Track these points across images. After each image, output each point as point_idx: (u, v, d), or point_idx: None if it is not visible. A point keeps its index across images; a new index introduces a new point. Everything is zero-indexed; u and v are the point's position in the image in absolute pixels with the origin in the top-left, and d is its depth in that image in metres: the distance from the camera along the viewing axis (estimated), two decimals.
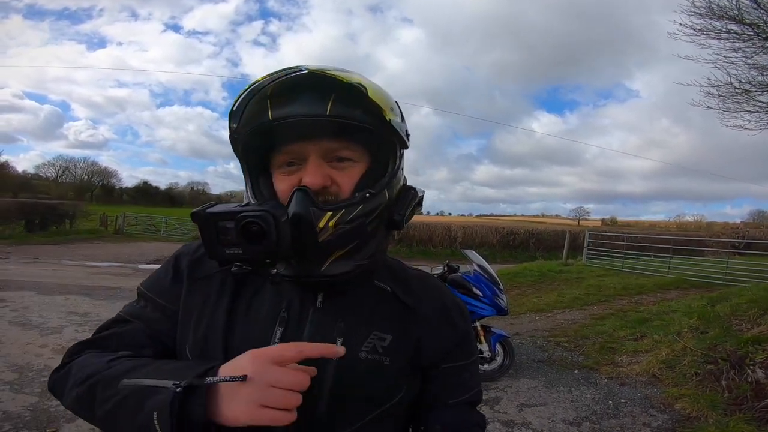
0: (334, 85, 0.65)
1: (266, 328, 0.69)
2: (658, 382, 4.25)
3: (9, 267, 9.89)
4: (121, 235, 20.72)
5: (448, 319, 0.79)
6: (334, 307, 0.72)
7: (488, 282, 4.33)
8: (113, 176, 61.39)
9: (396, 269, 0.82)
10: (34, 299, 6.71)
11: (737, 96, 6.23)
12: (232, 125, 0.70)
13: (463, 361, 0.81)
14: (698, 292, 8.30)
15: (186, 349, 0.72)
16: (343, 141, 0.69)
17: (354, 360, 0.69)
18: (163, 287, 0.77)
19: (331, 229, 0.64)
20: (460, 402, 0.80)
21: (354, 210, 0.66)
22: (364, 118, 0.67)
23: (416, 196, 0.76)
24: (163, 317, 0.75)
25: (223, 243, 0.60)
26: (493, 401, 3.88)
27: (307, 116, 0.65)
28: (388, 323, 0.74)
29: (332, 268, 0.67)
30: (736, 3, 5.56)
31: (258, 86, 0.66)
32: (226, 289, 0.74)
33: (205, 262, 0.77)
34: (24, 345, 4.67)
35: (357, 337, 0.71)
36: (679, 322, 5.46)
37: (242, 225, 0.59)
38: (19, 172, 54.05)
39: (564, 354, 5.18)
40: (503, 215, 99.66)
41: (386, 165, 0.72)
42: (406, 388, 0.73)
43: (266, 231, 0.59)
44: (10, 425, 3.06)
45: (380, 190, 0.69)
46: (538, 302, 8.05)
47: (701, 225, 53.48)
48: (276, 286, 0.73)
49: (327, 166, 0.68)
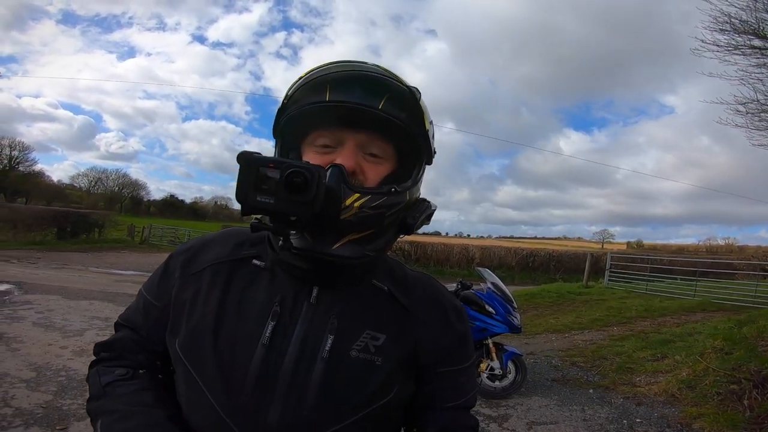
0: (391, 85, 0.70)
1: (257, 323, 0.69)
2: (676, 402, 4.09)
3: (38, 271, 10.30)
4: (146, 245, 21.33)
5: (445, 322, 0.79)
6: (328, 303, 0.72)
7: (501, 300, 4.29)
8: (142, 188, 63.24)
9: (396, 270, 0.82)
10: (59, 303, 6.95)
11: (764, 113, 6.08)
12: (286, 100, 0.73)
13: (460, 365, 0.80)
14: (725, 314, 7.99)
15: (176, 344, 0.73)
16: (380, 138, 0.72)
17: (344, 358, 0.69)
18: (154, 285, 0.80)
19: (355, 209, 0.66)
20: (455, 406, 0.79)
21: (379, 199, 0.68)
22: (408, 121, 0.71)
23: (429, 208, 0.78)
24: (152, 316, 0.78)
25: (259, 189, 0.60)
26: (502, 418, 3.80)
27: (361, 105, 0.68)
28: (383, 323, 0.74)
29: (343, 249, 0.68)
30: (755, 17, 5.47)
31: (321, 70, 0.71)
32: (218, 281, 0.74)
33: (197, 258, 0.78)
34: (45, 345, 4.82)
35: (349, 335, 0.71)
36: (703, 343, 5.28)
37: (288, 173, 0.59)
38: (54, 181, 56.56)
39: (579, 373, 5.04)
40: (523, 237, 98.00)
41: (410, 171, 0.75)
42: (397, 390, 0.73)
43: (309, 184, 0.59)
44: (21, 421, 3.14)
45: (403, 190, 0.72)
46: (555, 323, 7.86)
47: (732, 248, 51.50)
48: (270, 278, 0.73)
49: (360, 156, 0.71)
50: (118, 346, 0.80)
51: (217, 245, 0.80)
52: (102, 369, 0.77)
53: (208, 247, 0.80)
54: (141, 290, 0.82)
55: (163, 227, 25.10)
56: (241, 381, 0.67)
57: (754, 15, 5.49)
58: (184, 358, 0.71)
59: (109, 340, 0.82)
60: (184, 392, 0.72)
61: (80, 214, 21.35)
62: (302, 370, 0.67)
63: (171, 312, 0.75)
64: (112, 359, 0.79)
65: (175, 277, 0.77)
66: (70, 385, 3.82)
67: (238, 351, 0.68)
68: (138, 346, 0.79)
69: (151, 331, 0.78)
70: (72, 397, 3.61)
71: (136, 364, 0.77)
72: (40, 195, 45.91)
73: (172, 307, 0.75)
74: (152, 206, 62.78)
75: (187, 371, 0.70)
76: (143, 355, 0.79)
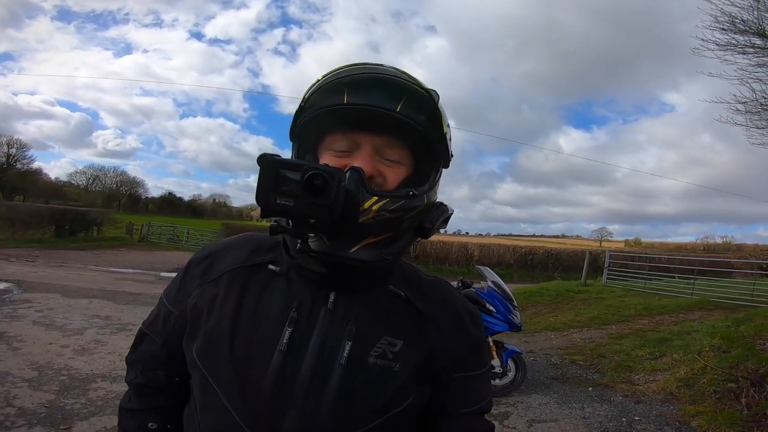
0: (408, 88, 0.69)
1: (275, 329, 0.69)
2: (674, 400, 4.12)
3: (36, 270, 10.28)
4: (145, 243, 21.32)
5: (461, 327, 0.79)
6: (346, 309, 0.71)
7: (502, 298, 4.31)
8: (140, 186, 63.11)
9: (411, 275, 0.82)
10: (59, 301, 6.95)
11: (764, 112, 6.10)
12: (303, 103, 0.73)
13: (476, 371, 0.80)
14: (723, 313, 8.03)
15: (193, 350, 0.73)
16: (398, 141, 0.71)
17: (362, 364, 0.69)
18: (173, 292, 0.82)
19: (373, 213, 0.66)
20: (471, 411, 0.79)
21: (397, 202, 0.68)
22: (426, 124, 0.70)
23: (446, 212, 0.77)
24: (170, 323, 0.81)
25: (279, 191, 0.60)
26: (502, 416, 3.82)
27: (379, 108, 0.67)
28: (400, 329, 0.73)
29: (361, 253, 0.68)
30: (757, 16, 5.48)
31: (338, 73, 0.70)
32: (235, 287, 0.74)
33: (215, 265, 0.79)
34: (46, 344, 4.83)
35: (367, 341, 0.70)
36: (701, 342, 5.30)
37: (308, 176, 0.59)
38: (51, 179, 56.43)
39: (578, 371, 5.07)
40: (522, 235, 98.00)
41: (427, 175, 0.75)
42: (414, 396, 0.72)
43: (330, 186, 0.59)
44: (24, 421, 3.15)
45: (421, 194, 0.71)
46: (554, 321, 7.90)
47: (730, 246, 51.61)
48: (286, 283, 0.73)
49: (377, 159, 0.71)
50: (140, 364, 0.85)
51: (233, 251, 0.80)
52: (129, 411, 0.85)
53: (225, 253, 0.80)
54: (161, 297, 0.84)
55: (162, 225, 25.01)
56: (257, 386, 0.67)
57: (756, 14, 5.50)
58: (201, 363, 0.71)
59: (131, 358, 0.87)
60: (199, 397, 0.72)
61: (78, 212, 21.29)
62: (320, 376, 0.67)
63: (189, 318, 0.76)
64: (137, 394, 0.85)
65: (194, 286, 0.78)
66: (72, 385, 3.84)
67: (255, 356, 0.68)
68: (157, 361, 0.83)
69: (169, 338, 0.80)
70: (74, 396, 3.62)
71: (158, 407, 0.84)
72: (37, 193, 45.80)
73: (190, 314, 0.76)
74: (150, 204, 62.58)
75: (203, 376, 0.71)
76: (162, 371, 0.83)
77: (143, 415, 0.83)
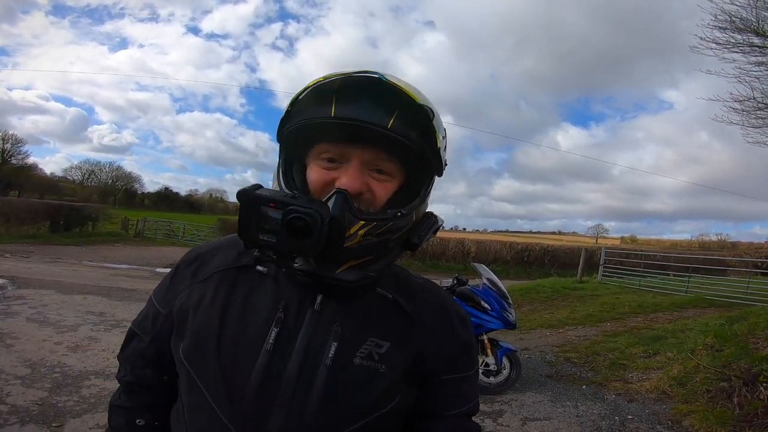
0: (402, 101, 0.66)
1: (261, 329, 0.69)
2: (667, 399, 4.14)
3: (31, 265, 10.23)
4: (140, 238, 21.25)
5: (450, 328, 0.79)
6: (332, 310, 0.71)
7: (497, 296, 4.31)
8: (136, 181, 62.90)
9: (400, 278, 0.81)
10: (53, 297, 6.91)
11: (760, 111, 6.11)
12: (290, 107, 0.70)
13: (464, 373, 0.80)
14: (717, 311, 8.11)
15: (180, 350, 0.73)
16: (388, 155, 0.69)
17: (347, 365, 0.69)
18: (162, 293, 0.82)
19: (359, 238, 0.65)
20: (458, 413, 0.79)
21: (384, 225, 0.67)
22: (419, 141, 0.68)
23: (436, 224, 0.76)
24: (158, 323, 0.81)
25: (260, 228, 0.60)
26: (496, 414, 3.83)
27: (369, 124, 0.64)
28: (387, 331, 0.73)
29: (347, 274, 0.68)
30: (756, 15, 5.48)
31: (329, 81, 0.66)
32: (223, 287, 0.74)
33: (205, 265, 0.78)
34: (39, 341, 4.80)
35: (353, 343, 0.70)
36: (694, 340, 5.34)
37: (289, 219, 0.58)
38: (47, 174, 56.06)
39: (573, 369, 5.09)
40: (519, 231, 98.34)
41: (418, 188, 0.73)
42: (400, 397, 0.72)
43: (312, 230, 0.58)
44: (17, 419, 3.13)
45: (410, 212, 0.70)
46: (549, 318, 7.92)
47: (725, 244, 51.95)
48: (274, 284, 0.73)
49: (366, 173, 0.69)
50: (130, 363, 0.85)
51: (223, 251, 0.80)
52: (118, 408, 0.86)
53: (214, 254, 0.80)
54: (151, 296, 0.84)
55: (158, 220, 24.95)
56: (243, 386, 0.67)
57: (755, 13, 5.49)
58: (187, 362, 0.71)
59: (122, 356, 0.88)
60: (186, 397, 0.72)
61: (73, 207, 21.20)
62: (305, 377, 0.67)
63: (176, 319, 0.76)
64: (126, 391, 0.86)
65: (183, 287, 0.79)
66: (65, 382, 3.82)
67: (242, 356, 0.68)
68: (145, 360, 0.83)
69: (157, 337, 0.81)
70: (67, 393, 3.60)
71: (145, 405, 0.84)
72: (32, 188, 45.57)
73: (177, 315, 0.76)
74: (146, 199, 62.54)
75: (189, 376, 0.71)
76: (150, 370, 0.83)
77: (132, 413, 0.84)
